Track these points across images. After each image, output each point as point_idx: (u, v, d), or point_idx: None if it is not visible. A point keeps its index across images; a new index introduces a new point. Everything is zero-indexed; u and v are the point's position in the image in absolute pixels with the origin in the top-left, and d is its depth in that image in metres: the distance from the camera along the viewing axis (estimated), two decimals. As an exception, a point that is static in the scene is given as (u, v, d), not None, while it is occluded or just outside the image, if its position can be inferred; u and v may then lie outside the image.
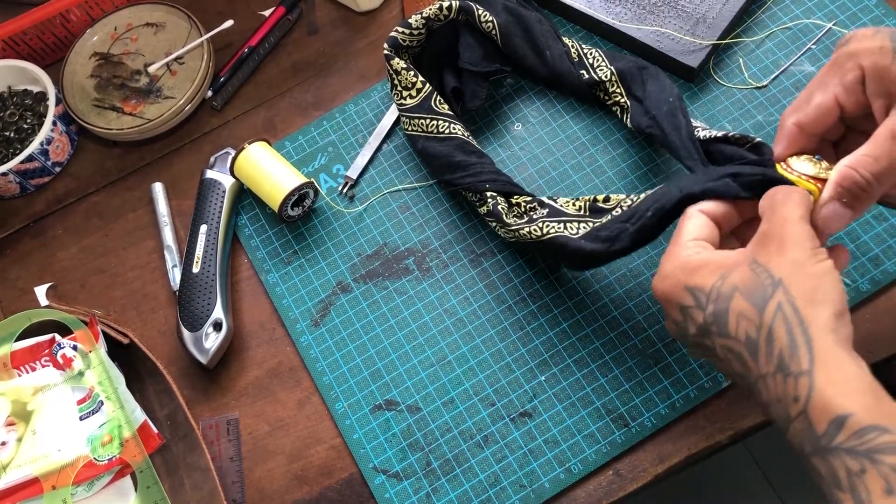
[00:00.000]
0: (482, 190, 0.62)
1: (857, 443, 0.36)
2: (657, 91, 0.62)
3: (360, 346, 0.65)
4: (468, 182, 0.63)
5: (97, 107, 0.77)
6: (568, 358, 0.62)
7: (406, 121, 0.68)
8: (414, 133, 0.68)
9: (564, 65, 0.67)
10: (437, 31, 0.70)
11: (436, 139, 0.66)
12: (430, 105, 0.66)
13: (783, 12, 0.72)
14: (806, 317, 0.39)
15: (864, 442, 0.36)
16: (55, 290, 0.72)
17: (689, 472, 0.61)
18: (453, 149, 0.65)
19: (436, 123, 0.66)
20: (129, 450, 0.59)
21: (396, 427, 0.62)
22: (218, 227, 0.69)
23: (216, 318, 0.65)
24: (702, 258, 0.45)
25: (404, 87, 0.68)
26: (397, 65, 0.68)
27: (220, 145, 0.76)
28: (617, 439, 0.59)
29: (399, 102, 0.68)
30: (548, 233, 0.58)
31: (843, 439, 0.36)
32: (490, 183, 0.62)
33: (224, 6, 0.83)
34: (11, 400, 0.61)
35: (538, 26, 0.68)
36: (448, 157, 0.64)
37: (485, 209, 0.63)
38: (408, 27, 0.68)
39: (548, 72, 0.68)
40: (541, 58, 0.68)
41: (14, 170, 0.73)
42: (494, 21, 0.67)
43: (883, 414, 0.36)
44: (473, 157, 0.64)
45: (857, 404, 0.36)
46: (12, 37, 0.78)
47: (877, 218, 0.62)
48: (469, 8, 0.68)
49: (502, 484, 0.59)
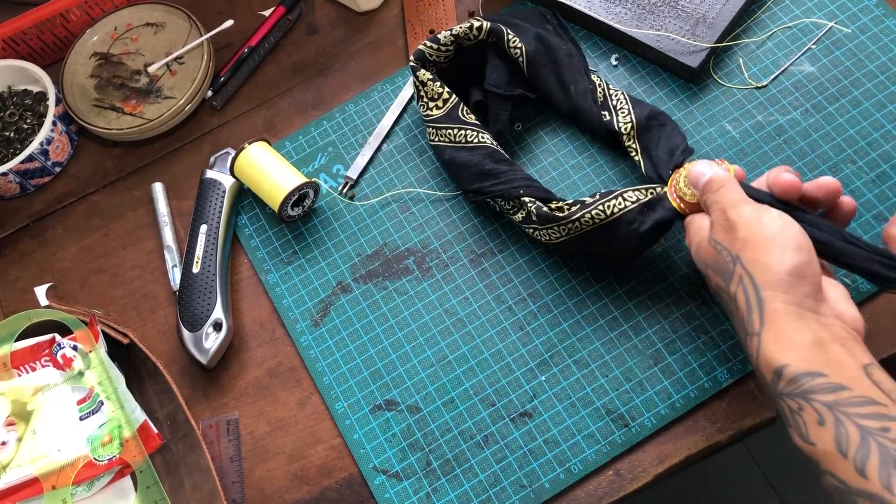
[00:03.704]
0: (516, 196, 0.61)
1: (794, 388, 0.43)
2: (665, 145, 0.62)
3: (360, 346, 0.65)
4: (500, 189, 0.62)
5: (97, 107, 0.77)
6: (568, 358, 0.62)
7: (432, 131, 0.67)
8: (441, 144, 0.67)
9: (587, 103, 0.65)
10: (465, 49, 0.69)
11: (464, 149, 0.65)
12: (457, 115, 0.66)
13: (783, 12, 0.72)
14: (760, 283, 0.45)
15: (799, 386, 0.42)
16: (55, 290, 0.72)
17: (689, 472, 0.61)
18: (482, 157, 0.64)
19: (464, 133, 0.65)
20: (129, 450, 0.59)
21: (396, 427, 0.62)
22: (218, 227, 0.69)
23: (216, 318, 0.65)
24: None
25: (430, 97, 0.67)
26: (423, 76, 0.67)
27: (220, 145, 0.76)
28: (617, 439, 0.59)
29: (425, 114, 0.68)
30: (612, 212, 0.57)
31: (783, 386, 0.43)
32: (524, 189, 0.62)
33: (224, 6, 0.83)
34: (11, 400, 0.61)
35: (567, 59, 0.67)
36: (478, 166, 0.64)
37: (520, 215, 0.62)
38: (436, 42, 0.67)
39: (570, 107, 0.66)
40: (565, 92, 0.66)
41: (14, 170, 0.73)
42: (523, 48, 0.66)
43: (821, 362, 0.42)
44: (503, 165, 0.64)
45: (793, 357, 0.43)
46: (12, 37, 0.78)
47: (877, 218, 0.63)
48: (499, 31, 0.67)
49: (502, 484, 0.59)
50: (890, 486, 0.37)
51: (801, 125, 0.67)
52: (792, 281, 0.45)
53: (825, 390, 0.41)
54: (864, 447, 0.39)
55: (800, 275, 0.45)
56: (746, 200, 0.49)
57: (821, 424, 0.41)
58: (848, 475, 0.39)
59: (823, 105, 0.67)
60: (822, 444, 0.40)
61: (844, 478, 0.39)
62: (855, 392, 0.41)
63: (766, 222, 0.47)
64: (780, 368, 0.43)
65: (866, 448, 0.39)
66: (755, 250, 0.46)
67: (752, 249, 0.46)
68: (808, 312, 0.45)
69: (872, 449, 0.38)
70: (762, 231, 0.47)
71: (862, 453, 0.39)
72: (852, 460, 0.39)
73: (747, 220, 0.48)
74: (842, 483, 0.39)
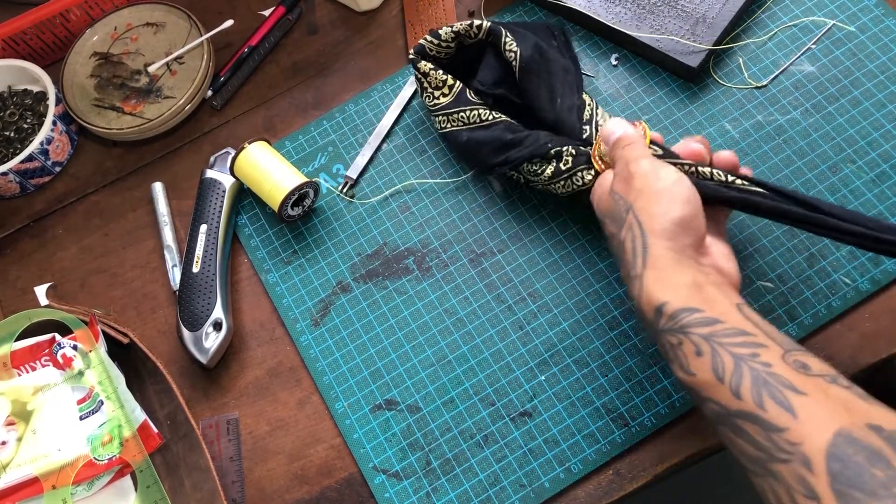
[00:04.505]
0: (545, 152, 0.62)
1: (673, 323, 0.45)
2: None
3: (360, 345, 0.65)
4: (528, 152, 0.63)
5: (97, 106, 0.77)
6: (568, 358, 0.62)
7: (442, 119, 0.68)
8: (455, 129, 0.67)
9: (571, 118, 0.65)
10: (466, 47, 0.69)
11: (480, 128, 0.65)
12: (466, 98, 0.66)
13: (783, 12, 0.72)
14: (647, 229, 0.49)
15: (678, 322, 0.45)
16: (55, 289, 0.72)
17: (689, 472, 0.61)
18: (502, 131, 0.64)
19: (477, 113, 0.65)
20: (129, 449, 0.59)
21: (396, 427, 0.62)
22: (218, 226, 0.69)
23: (216, 318, 0.65)
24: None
25: (435, 87, 0.67)
26: (424, 67, 0.67)
27: (220, 145, 0.76)
28: (617, 439, 0.59)
29: (432, 104, 0.68)
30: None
31: (664, 322, 0.46)
32: (551, 142, 0.62)
33: (224, 6, 0.83)
34: (11, 400, 0.61)
35: (562, 73, 0.66)
36: (499, 139, 0.64)
37: (549, 170, 0.62)
38: (437, 37, 0.68)
39: (553, 118, 0.65)
40: (551, 102, 0.66)
41: (14, 169, 0.73)
42: (518, 53, 0.66)
43: (697, 300, 0.45)
44: (523, 132, 0.64)
45: (672, 295, 0.46)
46: (12, 37, 0.78)
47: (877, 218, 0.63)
48: (498, 32, 0.67)
49: (502, 483, 0.59)
50: (761, 403, 0.40)
51: (801, 125, 0.67)
52: (676, 231, 0.48)
53: (701, 324, 0.44)
54: (738, 372, 0.42)
55: (685, 226, 0.48)
56: (647, 155, 0.53)
57: (699, 355, 0.44)
58: (725, 399, 0.42)
59: (823, 105, 0.67)
60: (701, 374, 0.44)
61: (723, 401, 0.42)
62: (728, 325, 0.44)
63: (662, 175, 0.50)
64: (660, 306, 0.46)
65: (739, 373, 0.42)
66: (647, 200, 0.50)
67: (645, 199, 0.50)
68: (688, 259, 0.48)
69: (745, 373, 0.42)
70: (656, 183, 0.50)
71: (736, 378, 0.42)
72: (728, 384, 0.42)
73: (644, 172, 0.51)
74: (721, 407, 0.43)
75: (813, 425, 0.38)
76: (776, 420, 0.40)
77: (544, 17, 0.76)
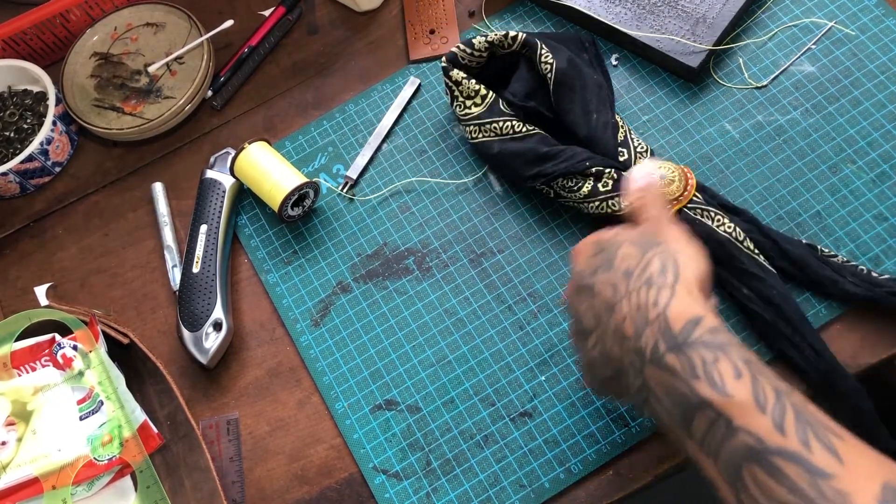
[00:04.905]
0: (582, 170, 0.62)
1: (711, 337, 0.42)
2: None
3: (360, 346, 0.65)
4: (564, 167, 0.62)
5: (97, 107, 0.77)
6: (568, 358, 0.62)
7: (474, 129, 0.67)
8: (487, 139, 0.66)
9: (606, 135, 0.64)
10: (497, 57, 0.69)
11: (513, 139, 0.65)
12: (499, 108, 0.65)
13: (783, 12, 0.72)
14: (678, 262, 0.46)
15: (717, 336, 0.42)
16: (55, 290, 0.72)
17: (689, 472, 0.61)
18: (536, 143, 0.64)
19: (510, 124, 0.65)
20: (129, 450, 0.59)
21: (396, 427, 0.62)
22: (218, 227, 0.69)
23: (216, 318, 0.65)
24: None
25: (467, 96, 0.67)
26: (457, 75, 0.67)
27: (220, 145, 0.76)
28: (617, 439, 0.59)
29: (463, 113, 0.67)
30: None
31: (700, 333, 0.42)
32: (589, 161, 0.62)
33: (224, 6, 0.83)
34: (11, 400, 0.61)
35: (596, 89, 0.66)
36: (534, 151, 0.64)
37: (586, 188, 0.62)
38: (470, 46, 0.67)
39: (587, 133, 0.65)
40: (586, 117, 0.65)
41: (14, 170, 0.73)
42: (553, 65, 0.65)
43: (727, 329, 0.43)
44: (558, 146, 0.63)
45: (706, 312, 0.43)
46: (12, 37, 0.78)
47: (877, 218, 0.63)
48: (533, 44, 0.66)
49: (502, 484, 0.59)
50: (807, 443, 0.37)
51: (801, 125, 0.67)
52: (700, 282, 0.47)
53: (739, 348, 0.42)
54: (780, 404, 0.39)
55: (705, 280, 0.47)
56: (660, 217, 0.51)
57: (738, 377, 0.40)
58: (766, 431, 0.38)
59: (823, 105, 0.67)
60: (740, 397, 0.39)
61: (762, 434, 0.38)
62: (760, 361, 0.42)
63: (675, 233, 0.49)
64: (698, 318, 0.43)
65: (782, 405, 0.39)
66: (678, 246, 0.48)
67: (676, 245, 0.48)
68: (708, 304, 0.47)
69: (787, 408, 0.38)
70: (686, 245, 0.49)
71: (779, 410, 0.38)
72: (770, 416, 0.38)
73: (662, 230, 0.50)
74: (757, 441, 0.38)
75: (860, 474, 0.36)
76: (823, 465, 0.36)
77: (544, 17, 0.76)
